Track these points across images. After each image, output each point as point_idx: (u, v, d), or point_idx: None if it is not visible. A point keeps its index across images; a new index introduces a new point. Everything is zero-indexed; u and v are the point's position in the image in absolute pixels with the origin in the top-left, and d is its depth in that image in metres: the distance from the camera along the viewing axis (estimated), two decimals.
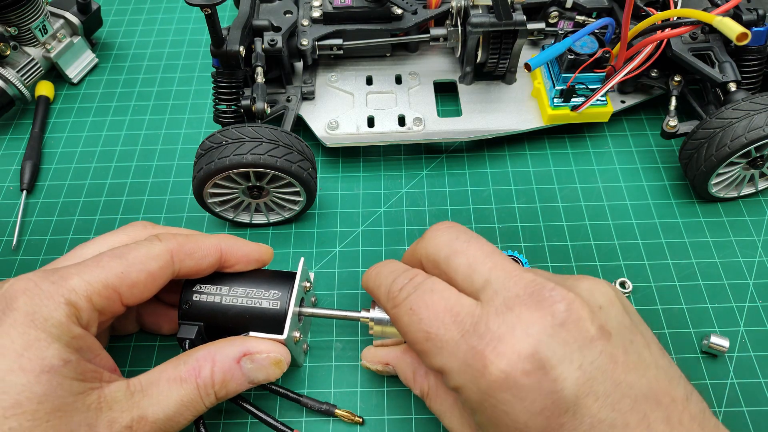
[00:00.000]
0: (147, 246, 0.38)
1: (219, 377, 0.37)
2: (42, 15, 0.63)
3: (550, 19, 0.60)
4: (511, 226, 0.55)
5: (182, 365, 0.37)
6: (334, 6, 0.57)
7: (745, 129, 0.47)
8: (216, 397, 0.37)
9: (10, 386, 0.30)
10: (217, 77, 0.53)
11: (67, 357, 0.32)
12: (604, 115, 0.57)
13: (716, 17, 0.45)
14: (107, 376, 0.35)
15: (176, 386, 0.36)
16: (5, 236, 0.56)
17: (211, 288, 0.42)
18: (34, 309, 0.32)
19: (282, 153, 0.47)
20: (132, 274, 0.36)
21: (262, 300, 0.41)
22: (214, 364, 0.37)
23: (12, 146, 0.63)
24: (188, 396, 0.36)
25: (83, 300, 0.34)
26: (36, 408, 0.31)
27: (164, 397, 0.35)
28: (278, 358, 0.39)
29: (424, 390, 0.40)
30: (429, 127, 0.57)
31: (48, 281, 0.34)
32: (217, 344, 0.38)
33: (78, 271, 0.35)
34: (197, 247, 0.40)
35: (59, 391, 0.32)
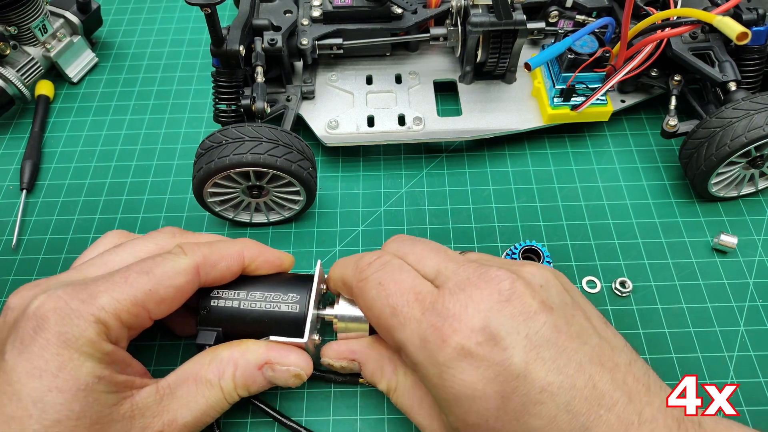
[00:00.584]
0: (173, 260, 0.38)
1: (241, 382, 0.38)
2: (42, 14, 0.63)
3: (550, 19, 0.60)
4: (511, 225, 0.55)
5: (207, 365, 0.38)
6: (334, 5, 0.57)
7: (745, 128, 0.47)
8: (238, 397, 0.39)
9: (49, 405, 0.31)
10: (216, 77, 0.53)
11: (100, 373, 0.33)
12: (604, 115, 0.57)
13: (716, 17, 0.46)
14: (138, 382, 0.36)
15: (202, 388, 0.37)
16: (5, 236, 0.56)
17: (228, 293, 0.42)
18: (65, 329, 0.33)
19: (282, 152, 0.47)
20: (160, 291, 0.36)
21: (280, 304, 0.41)
22: (237, 368, 0.38)
23: (12, 145, 0.63)
24: (213, 398, 0.37)
25: (112, 318, 0.34)
26: (75, 424, 0.32)
27: (192, 399, 0.37)
28: (298, 372, 0.40)
29: (391, 385, 0.40)
30: (429, 126, 0.57)
31: (77, 300, 0.34)
32: (241, 347, 0.39)
33: (107, 289, 0.35)
34: (221, 258, 0.40)
35: (95, 406, 0.33)
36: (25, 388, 0.32)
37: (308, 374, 0.40)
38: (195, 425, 0.37)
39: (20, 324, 0.34)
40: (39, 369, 0.32)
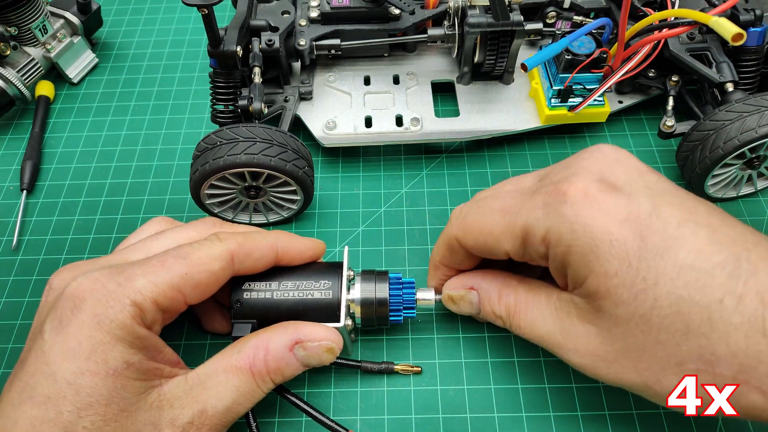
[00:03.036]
0: (209, 246, 0.38)
1: (273, 365, 0.38)
2: (42, 15, 0.63)
3: (548, 20, 0.59)
4: None
5: (236, 354, 0.37)
6: (332, 6, 0.57)
7: (738, 131, 0.47)
8: (273, 382, 0.38)
9: (82, 388, 0.32)
10: (214, 77, 0.53)
11: (129, 359, 0.33)
12: (601, 116, 0.57)
13: (712, 18, 0.45)
14: (167, 371, 0.36)
15: (233, 376, 0.37)
16: (5, 236, 0.56)
17: (261, 285, 0.42)
18: (100, 311, 0.33)
19: (276, 152, 0.47)
20: (195, 275, 0.37)
21: (313, 291, 0.42)
22: (268, 352, 0.38)
23: (12, 146, 0.63)
24: (245, 385, 0.37)
25: (148, 301, 0.35)
26: (105, 410, 0.32)
27: (222, 388, 0.36)
28: (330, 345, 0.39)
29: (510, 305, 0.40)
30: (426, 127, 0.57)
31: (114, 282, 0.34)
32: (270, 331, 0.39)
33: (144, 272, 0.35)
34: (255, 247, 0.40)
35: (123, 392, 0.33)
36: (60, 369, 0.32)
37: (339, 348, 0.40)
38: (227, 416, 0.36)
39: (59, 304, 0.34)
40: (73, 350, 0.32)
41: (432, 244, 0.54)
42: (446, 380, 0.46)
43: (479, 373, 0.47)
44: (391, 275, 0.44)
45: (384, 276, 0.44)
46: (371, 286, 0.43)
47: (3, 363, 0.49)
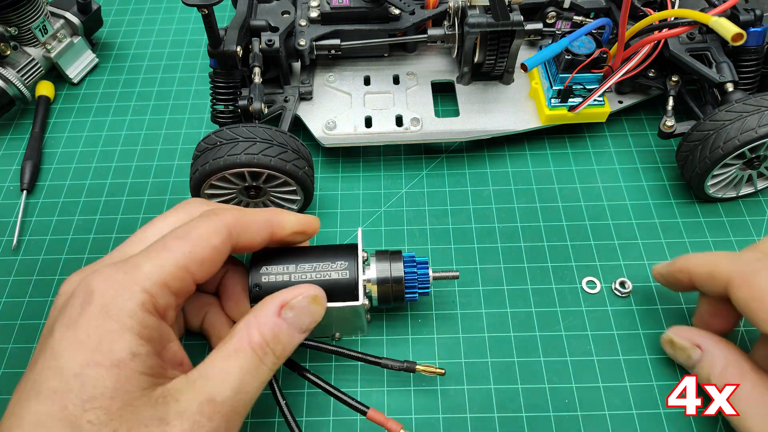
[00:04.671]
0: (206, 221, 0.38)
1: (268, 334, 0.37)
2: (42, 15, 0.63)
3: (548, 20, 0.59)
4: (511, 226, 0.55)
5: (231, 338, 0.37)
6: (332, 6, 0.57)
7: (737, 131, 0.47)
8: (275, 355, 0.37)
9: (87, 380, 0.31)
10: (214, 77, 0.53)
11: (136, 350, 0.33)
12: (601, 116, 0.57)
13: (712, 18, 0.45)
14: (170, 373, 0.35)
15: (233, 359, 0.36)
16: (5, 236, 0.56)
17: (278, 268, 0.42)
18: (109, 301, 0.33)
19: (276, 152, 0.47)
20: (199, 252, 0.36)
21: (330, 272, 0.42)
22: (259, 326, 0.37)
23: (12, 146, 0.63)
24: (247, 363, 0.36)
25: (158, 285, 0.34)
26: (109, 403, 0.31)
27: (225, 373, 0.35)
28: (313, 294, 0.39)
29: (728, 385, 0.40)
30: (426, 127, 0.57)
31: (121, 272, 0.34)
32: (253, 311, 0.38)
33: (148, 257, 0.35)
34: (251, 221, 0.40)
35: (128, 386, 0.32)
36: (68, 362, 0.32)
37: (323, 296, 0.40)
38: (237, 399, 0.35)
39: (69, 302, 0.34)
40: (81, 342, 0.32)
41: (432, 244, 0.54)
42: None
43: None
44: (404, 254, 0.45)
45: (398, 255, 0.45)
46: (386, 266, 0.44)
47: (3, 363, 0.49)
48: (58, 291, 0.38)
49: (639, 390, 0.45)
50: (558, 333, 0.48)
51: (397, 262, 0.44)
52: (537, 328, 0.49)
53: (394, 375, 0.47)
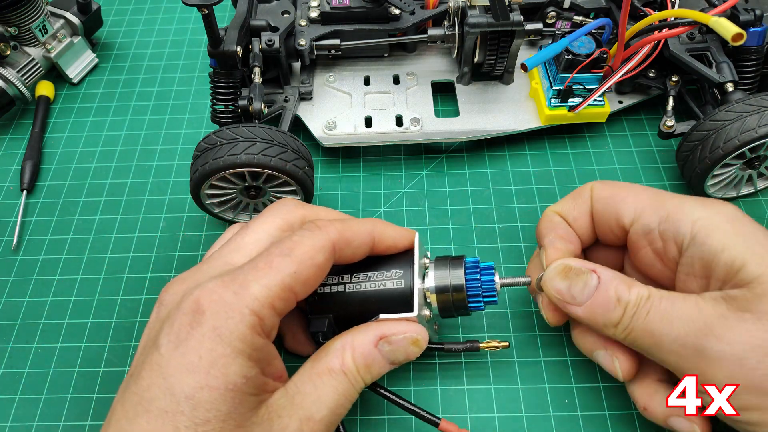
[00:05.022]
0: (311, 238, 0.37)
1: (361, 362, 0.37)
2: (42, 15, 0.63)
3: (548, 20, 0.60)
4: (511, 226, 0.55)
5: (325, 357, 0.37)
6: (332, 6, 0.57)
7: (738, 131, 0.47)
8: (363, 382, 0.37)
9: (200, 403, 0.31)
10: (214, 77, 0.53)
11: (248, 373, 0.33)
12: (601, 116, 0.57)
13: (712, 18, 0.45)
14: (271, 385, 0.35)
15: (327, 379, 0.36)
16: (5, 236, 0.56)
17: (333, 278, 0.42)
18: (220, 323, 0.33)
19: (276, 152, 0.47)
20: (303, 272, 0.36)
21: (385, 281, 0.40)
22: (354, 350, 0.37)
23: (12, 146, 0.63)
24: (341, 386, 0.36)
25: (266, 308, 0.34)
26: (222, 426, 0.31)
27: (321, 392, 0.35)
28: (415, 337, 0.38)
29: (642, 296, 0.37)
30: (426, 127, 0.57)
31: (230, 292, 0.34)
32: (353, 332, 0.38)
33: (255, 277, 0.34)
34: (354, 235, 0.39)
35: (240, 408, 0.32)
36: (179, 383, 0.31)
37: (425, 340, 0.39)
38: (332, 419, 0.36)
39: (175, 318, 0.33)
40: (193, 364, 0.32)
41: (432, 244, 0.54)
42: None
43: None
44: (467, 260, 0.42)
45: (459, 261, 0.42)
46: (446, 273, 0.41)
47: (3, 363, 0.49)
48: (159, 299, 0.37)
49: None
50: (558, 333, 0.48)
51: (458, 268, 0.41)
52: (537, 329, 0.49)
53: None
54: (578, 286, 0.38)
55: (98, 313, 0.51)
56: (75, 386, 0.48)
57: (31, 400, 0.47)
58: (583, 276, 0.38)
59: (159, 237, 0.55)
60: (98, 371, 0.48)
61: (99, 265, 0.54)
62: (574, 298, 0.39)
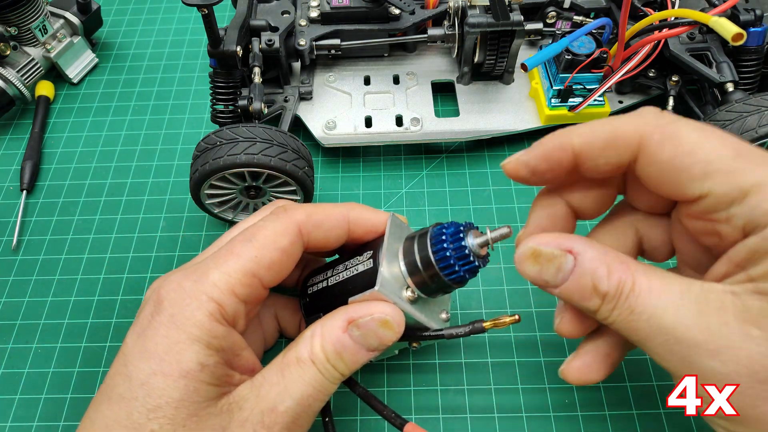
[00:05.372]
0: (273, 222, 0.36)
1: (330, 350, 0.35)
2: (42, 15, 0.63)
3: (548, 20, 0.59)
4: (512, 226, 0.55)
5: (295, 347, 0.35)
6: (332, 6, 0.57)
7: (738, 131, 0.47)
8: (337, 371, 0.35)
9: (153, 389, 0.31)
10: (214, 77, 0.53)
11: (204, 360, 0.32)
12: (601, 116, 0.57)
13: (712, 17, 0.45)
14: (237, 379, 0.35)
15: (295, 369, 0.34)
16: (5, 236, 0.56)
17: (319, 276, 0.41)
18: (177, 310, 0.33)
19: (276, 152, 0.47)
20: (266, 256, 0.35)
21: (358, 265, 0.38)
22: (323, 338, 0.35)
23: (12, 146, 0.63)
24: (310, 376, 0.34)
25: (226, 294, 0.33)
26: (174, 413, 0.31)
27: (288, 382, 0.34)
28: (383, 318, 0.35)
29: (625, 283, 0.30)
30: (426, 127, 0.57)
31: (189, 280, 0.34)
32: (323, 319, 0.36)
33: (216, 264, 0.34)
34: (325, 217, 0.38)
35: (194, 396, 0.32)
36: (135, 369, 0.32)
37: (397, 322, 0.35)
38: (298, 411, 0.34)
39: (141, 310, 0.34)
40: (149, 351, 0.32)
41: None
42: None
43: None
44: (435, 228, 0.36)
45: (426, 232, 0.36)
46: (412, 247, 0.36)
47: (3, 363, 0.49)
48: None
49: (639, 390, 0.45)
50: None
51: (423, 240, 0.36)
52: (537, 329, 0.49)
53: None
54: (550, 270, 0.32)
55: (98, 313, 0.51)
56: (75, 386, 0.48)
57: (31, 400, 0.47)
58: (555, 260, 0.32)
59: (159, 237, 0.55)
60: (98, 371, 0.48)
61: (99, 265, 0.54)
62: (548, 282, 0.33)
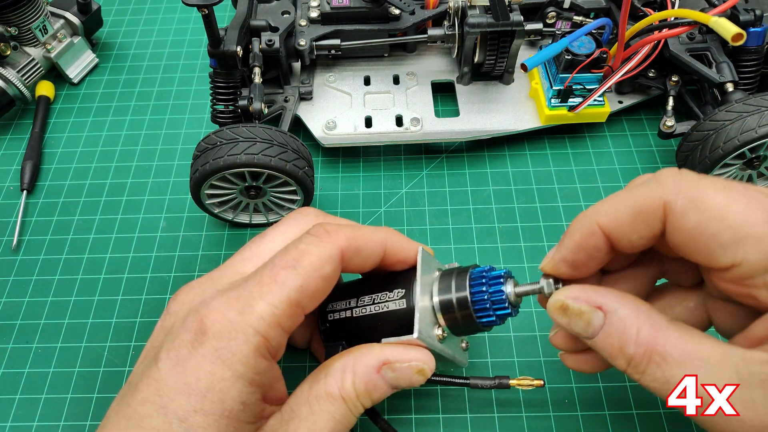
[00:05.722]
0: (317, 246, 0.34)
1: (361, 388, 0.34)
2: (42, 15, 0.63)
3: (548, 20, 0.60)
4: (511, 226, 0.55)
5: (324, 379, 0.35)
6: (332, 6, 0.57)
7: (738, 131, 0.47)
8: (363, 407, 0.35)
9: (192, 427, 0.30)
10: (214, 77, 0.53)
11: (247, 399, 0.31)
12: (601, 116, 0.57)
13: (712, 18, 0.46)
14: (268, 411, 0.34)
15: (325, 403, 0.34)
16: (5, 236, 0.56)
17: (341, 304, 0.39)
18: (223, 344, 0.31)
19: (276, 152, 0.47)
20: (310, 285, 0.33)
21: (388, 302, 0.37)
22: (355, 374, 0.34)
23: (12, 146, 0.63)
24: (337, 411, 0.34)
25: (272, 327, 0.32)
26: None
27: (317, 417, 0.34)
28: (420, 366, 0.35)
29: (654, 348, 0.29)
30: (426, 127, 0.57)
31: (235, 310, 0.32)
32: (355, 352, 0.36)
33: (260, 294, 0.32)
34: (365, 243, 0.36)
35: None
36: (173, 403, 0.30)
37: (431, 369, 0.35)
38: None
39: (178, 334, 0.32)
40: (190, 386, 0.30)
41: (432, 245, 0.54)
42: None
43: None
44: (474, 270, 0.36)
45: (465, 272, 0.36)
46: (449, 287, 0.36)
47: (3, 363, 0.49)
48: (167, 307, 0.36)
49: (639, 390, 0.45)
50: None
51: (462, 280, 0.36)
52: (537, 329, 0.49)
53: None
54: (579, 325, 0.32)
55: (98, 313, 0.51)
56: (75, 386, 0.48)
57: (31, 400, 0.47)
58: (584, 316, 0.31)
59: (159, 237, 0.55)
60: (98, 371, 0.48)
61: (99, 265, 0.54)
62: (579, 334, 0.32)
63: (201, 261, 0.54)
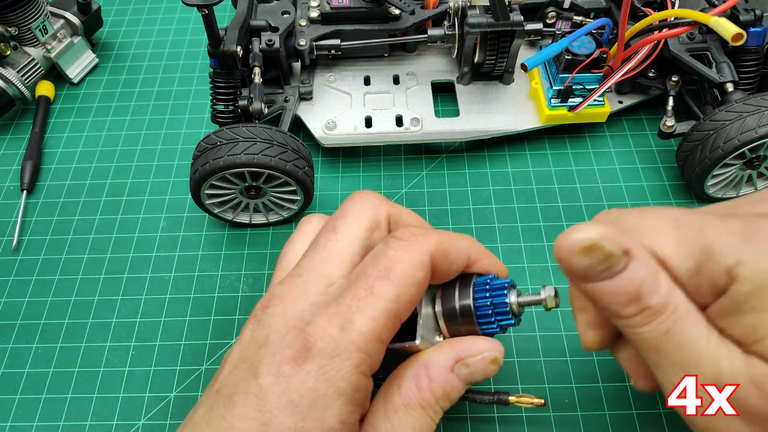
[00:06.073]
0: (408, 251, 0.32)
1: (440, 392, 0.33)
2: (42, 15, 0.63)
3: (548, 20, 0.59)
4: (511, 226, 0.55)
5: (398, 390, 0.33)
6: (332, 6, 0.57)
7: (737, 131, 0.47)
8: (442, 411, 0.34)
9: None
10: (214, 77, 0.53)
11: (346, 417, 0.31)
12: (601, 116, 0.57)
13: (712, 18, 0.45)
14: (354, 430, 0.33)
15: (404, 415, 0.33)
16: (5, 236, 0.56)
17: None
18: (327, 361, 0.30)
19: (276, 152, 0.47)
20: (406, 293, 0.32)
21: None
22: (431, 380, 0.33)
23: (12, 146, 0.63)
24: (419, 421, 0.33)
25: (372, 342, 0.31)
26: None
27: (398, 430, 0.32)
28: (494, 355, 0.34)
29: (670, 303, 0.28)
30: (426, 127, 0.57)
31: (335, 326, 0.30)
32: (421, 358, 0.34)
33: (358, 308, 0.31)
34: (452, 248, 0.34)
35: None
36: (275, 420, 0.29)
37: (502, 355, 0.34)
38: None
39: (279, 349, 0.31)
40: (293, 403, 0.29)
41: None
42: None
43: None
44: (479, 278, 0.36)
45: (468, 280, 0.36)
46: (452, 294, 0.36)
47: (3, 363, 0.49)
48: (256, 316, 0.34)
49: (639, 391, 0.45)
50: (558, 333, 0.48)
51: (466, 288, 0.36)
52: (537, 329, 0.49)
53: None
54: (599, 268, 0.29)
55: (98, 313, 0.51)
56: (75, 386, 0.48)
57: (31, 400, 0.47)
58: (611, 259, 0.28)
59: (159, 237, 0.55)
60: (98, 371, 0.48)
61: (99, 265, 0.54)
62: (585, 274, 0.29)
63: (201, 261, 0.54)
